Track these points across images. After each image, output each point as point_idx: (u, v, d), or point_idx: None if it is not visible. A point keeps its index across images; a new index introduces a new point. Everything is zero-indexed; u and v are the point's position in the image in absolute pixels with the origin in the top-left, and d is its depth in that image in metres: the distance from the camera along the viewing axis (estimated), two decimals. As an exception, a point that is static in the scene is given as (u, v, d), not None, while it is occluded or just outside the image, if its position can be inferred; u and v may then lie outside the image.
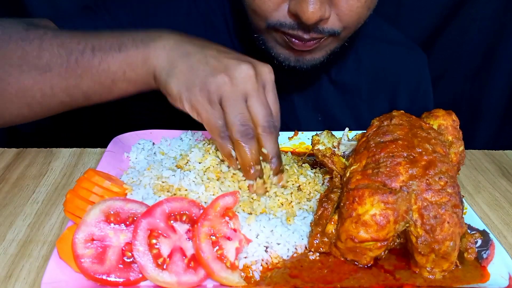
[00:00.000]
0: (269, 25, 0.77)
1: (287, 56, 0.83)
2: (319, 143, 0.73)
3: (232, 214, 0.62)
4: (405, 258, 0.62)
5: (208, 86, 0.65)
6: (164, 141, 0.85)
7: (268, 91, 0.69)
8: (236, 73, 0.65)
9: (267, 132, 0.67)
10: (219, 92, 0.65)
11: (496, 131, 1.46)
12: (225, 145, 0.68)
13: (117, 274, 0.56)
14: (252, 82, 0.66)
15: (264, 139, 0.67)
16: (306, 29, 0.75)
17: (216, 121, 0.65)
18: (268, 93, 0.68)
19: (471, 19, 1.30)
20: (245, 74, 0.65)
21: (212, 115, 0.65)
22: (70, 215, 0.62)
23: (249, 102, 0.66)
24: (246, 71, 0.65)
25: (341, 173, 0.69)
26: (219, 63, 0.66)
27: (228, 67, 0.66)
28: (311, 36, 0.76)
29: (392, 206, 0.57)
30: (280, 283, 0.58)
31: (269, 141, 0.67)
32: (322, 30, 0.75)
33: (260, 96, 0.66)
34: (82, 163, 0.89)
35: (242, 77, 0.65)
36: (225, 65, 0.66)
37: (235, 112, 0.65)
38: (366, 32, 1.00)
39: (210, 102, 0.65)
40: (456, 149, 0.67)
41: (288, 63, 0.84)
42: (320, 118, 1.04)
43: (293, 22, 0.75)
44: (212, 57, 0.67)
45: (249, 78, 0.65)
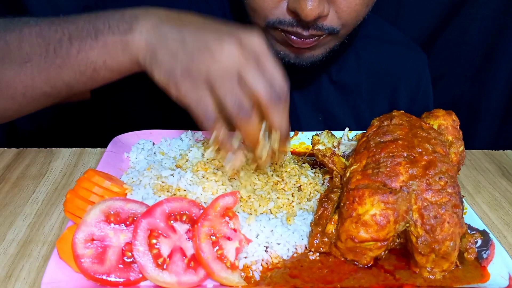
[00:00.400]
0: (268, 23, 0.78)
1: (287, 53, 0.84)
2: (319, 143, 0.73)
3: (232, 214, 0.62)
4: (405, 258, 0.62)
5: (190, 69, 0.61)
6: (164, 141, 0.85)
7: (262, 62, 0.62)
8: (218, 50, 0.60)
9: (273, 103, 0.61)
10: (203, 74, 0.60)
11: (496, 131, 1.46)
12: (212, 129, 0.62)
13: (117, 274, 0.56)
14: (238, 56, 0.60)
15: (271, 112, 0.61)
16: (305, 26, 0.75)
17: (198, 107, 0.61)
18: (263, 65, 0.61)
19: (471, 19, 1.30)
20: (228, 50, 0.60)
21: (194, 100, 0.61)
22: (70, 215, 0.62)
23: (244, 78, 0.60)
24: (229, 47, 0.60)
25: (341, 173, 0.69)
26: (198, 42, 0.61)
27: (208, 44, 0.60)
28: (310, 33, 0.76)
29: (392, 206, 0.57)
30: (280, 283, 0.58)
31: (274, 113, 0.62)
32: (321, 27, 0.76)
33: (251, 67, 0.60)
34: (82, 163, 0.89)
35: (226, 55, 0.60)
36: (205, 43, 0.61)
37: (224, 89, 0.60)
38: (366, 32, 1.00)
39: (193, 85, 0.61)
40: (456, 149, 0.67)
41: (287, 59, 0.84)
42: (321, 118, 1.04)
43: (292, 19, 0.75)
44: (190, 36, 0.62)
45: (233, 53, 0.60)
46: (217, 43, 0.60)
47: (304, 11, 0.70)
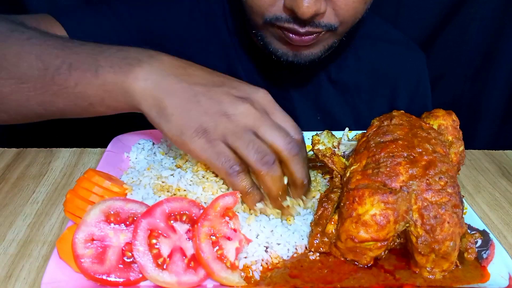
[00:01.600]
0: (265, 21, 0.78)
1: (285, 51, 0.83)
2: (319, 143, 0.73)
3: (232, 214, 0.62)
4: (405, 258, 0.62)
5: (205, 127, 0.60)
6: (164, 141, 0.85)
7: (272, 113, 0.63)
8: (233, 111, 0.60)
9: (292, 154, 0.61)
10: (219, 131, 0.60)
11: (496, 131, 1.46)
12: (237, 182, 0.62)
13: (117, 274, 0.56)
14: (253, 113, 0.61)
15: (292, 163, 0.62)
16: (301, 23, 0.75)
17: (217, 158, 0.61)
18: (274, 115, 0.63)
19: (471, 19, 1.30)
20: (243, 109, 0.61)
21: (212, 153, 0.61)
22: (70, 215, 0.62)
23: (260, 133, 0.61)
24: (244, 106, 0.61)
25: (341, 173, 0.69)
26: (212, 101, 0.61)
27: (223, 105, 0.61)
28: (307, 30, 0.76)
29: (392, 206, 0.57)
30: (280, 283, 0.58)
31: (297, 164, 0.62)
32: (318, 24, 0.76)
33: (267, 122, 0.61)
34: (82, 163, 0.89)
35: (241, 113, 0.60)
36: (219, 103, 0.61)
37: (245, 142, 0.60)
38: (365, 31, 1.00)
39: (209, 142, 0.60)
40: (456, 149, 0.67)
41: (286, 58, 0.84)
42: (320, 117, 1.04)
43: (289, 16, 0.75)
44: (202, 94, 0.61)
45: (249, 112, 0.61)
46: (231, 103, 0.61)
47: (300, 9, 0.70)
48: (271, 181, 0.62)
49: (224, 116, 0.60)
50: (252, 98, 0.62)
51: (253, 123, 0.61)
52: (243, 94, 0.63)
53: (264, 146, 0.61)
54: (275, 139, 0.61)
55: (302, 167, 0.63)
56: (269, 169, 0.61)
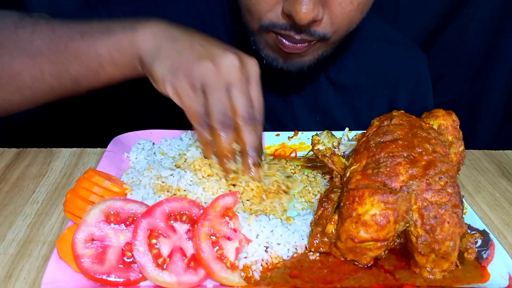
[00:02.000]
0: (262, 26, 0.77)
1: (275, 57, 0.84)
2: (319, 143, 0.73)
3: (232, 214, 0.62)
4: (405, 258, 0.62)
5: (192, 72, 0.66)
6: (164, 141, 0.85)
7: (251, 84, 0.69)
8: (221, 61, 0.66)
9: (246, 122, 0.67)
10: (202, 79, 0.66)
11: (496, 131, 1.46)
12: (203, 133, 0.69)
13: (117, 274, 0.56)
14: (237, 72, 0.66)
15: (243, 129, 0.68)
16: (298, 30, 0.75)
17: (196, 108, 0.67)
18: (251, 86, 0.69)
19: (471, 19, 1.30)
20: (230, 63, 0.66)
21: (193, 101, 0.66)
22: (70, 215, 0.62)
23: (231, 92, 0.67)
24: (232, 61, 0.66)
25: (341, 173, 0.69)
26: (206, 50, 0.67)
27: (214, 54, 0.66)
28: (302, 37, 0.76)
29: (392, 206, 0.57)
30: (280, 283, 0.58)
31: (247, 131, 0.68)
32: (313, 33, 0.75)
33: (242, 87, 0.67)
34: (82, 163, 0.89)
35: (227, 66, 0.66)
36: (211, 52, 0.67)
37: (216, 100, 0.66)
38: (365, 32, 1.00)
39: (193, 88, 0.66)
40: (456, 149, 0.67)
41: (276, 64, 0.84)
42: (319, 118, 1.04)
43: (286, 23, 0.75)
44: (199, 43, 0.68)
45: (233, 68, 0.66)
46: (221, 54, 0.66)
47: (298, 14, 0.70)
48: (221, 140, 0.68)
49: (212, 63, 0.66)
50: (242, 61, 0.68)
51: (231, 80, 0.66)
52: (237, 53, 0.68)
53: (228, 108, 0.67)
54: (239, 103, 0.67)
55: (251, 136, 0.68)
56: (223, 129, 0.67)
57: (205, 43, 0.69)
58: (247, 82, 0.68)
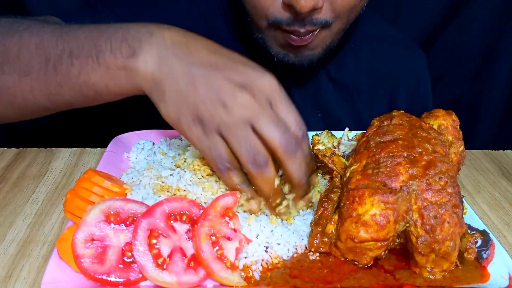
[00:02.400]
0: (269, 22, 0.78)
1: (286, 53, 0.84)
2: (319, 143, 0.73)
3: (232, 214, 0.62)
4: (405, 258, 0.62)
5: (201, 117, 0.58)
6: (164, 141, 0.85)
7: (276, 104, 0.59)
8: (231, 101, 0.57)
9: (288, 153, 0.58)
10: (214, 122, 0.58)
11: (496, 131, 1.46)
12: (226, 177, 0.62)
13: (117, 274, 0.56)
14: (251, 105, 0.57)
15: (287, 163, 0.59)
16: (301, 22, 0.75)
17: (211, 153, 0.59)
18: (277, 106, 0.59)
19: (471, 19, 1.30)
20: (242, 101, 0.57)
21: (206, 147, 0.59)
22: (70, 215, 0.62)
23: (257, 128, 0.57)
24: (243, 98, 0.57)
25: (341, 173, 0.69)
26: (210, 88, 0.58)
27: (222, 94, 0.57)
28: (306, 29, 0.77)
29: (392, 206, 0.57)
30: (280, 283, 0.58)
31: (293, 163, 0.59)
32: (316, 21, 0.76)
33: (266, 115, 0.58)
34: (82, 163, 0.89)
35: (238, 104, 0.57)
36: (218, 91, 0.57)
37: (239, 141, 0.58)
38: (365, 32, 1.00)
39: (204, 133, 0.59)
40: (456, 149, 0.67)
41: (287, 59, 0.85)
42: (320, 115, 1.04)
43: (289, 17, 0.76)
44: (201, 79, 0.58)
45: (248, 105, 0.57)
46: (230, 92, 0.57)
47: (298, 3, 0.70)
48: (261, 182, 0.60)
49: (222, 106, 0.57)
50: (255, 86, 0.58)
51: (250, 116, 0.57)
52: (245, 80, 0.59)
53: (258, 144, 0.58)
54: (272, 135, 0.58)
55: (299, 167, 0.60)
56: (260, 169, 0.59)
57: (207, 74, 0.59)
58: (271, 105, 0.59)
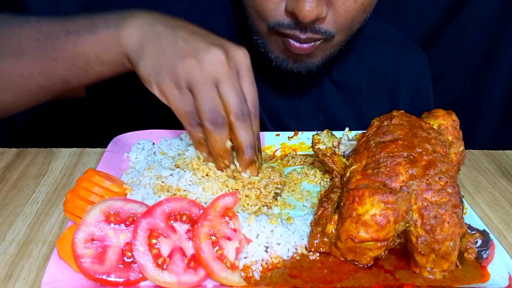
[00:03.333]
0: (269, 27, 0.78)
1: (285, 58, 0.84)
2: (320, 142, 0.73)
3: (232, 214, 0.62)
4: (405, 258, 0.62)
5: (176, 70, 0.63)
6: (164, 141, 0.85)
7: (242, 76, 0.65)
8: (205, 57, 0.62)
9: (240, 119, 0.64)
10: (187, 77, 0.63)
11: (496, 131, 1.46)
12: (194, 132, 0.66)
13: (117, 274, 0.56)
14: (223, 66, 0.63)
15: (237, 127, 0.65)
16: (303, 29, 0.75)
17: (184, 107, 0.64)
18: (242, 79, 0.65)
19: (471, 19, 1.30)
20: (215, 58, 0.62)
21: (180, 101, 0.64)
22: (70, 215, 0.62)
23: (220, 88, 0.63)
24: (217, 55, 0.63)
25: (341, 173, 0.69)
26: (189, 45, 0.64)
27: (198, 50, 0.63)
28: (307, 36, 0.76)
29: (392, 206, 0.57)
30: (280, 283, 0.58)
31: (242, 128, 0.65)
32: (318, 30, 0.76)
33: (232, 82, 0.63)
34: (82, 163, 0.89)
35: (212, 61, 0.62)
36: (195, 48, 0.63)
37: (204, 98, 0.63)
38: (367, 33, 1.00)
39: (178, 87, 0.63)
40: (456, 149, 0.67)
41: (285, 65, 0.84)
42: (322, 119, 1.04)
43: (291, 21, 0.75)
44: (182, 39, 0.64)
45: (219, 63, 0.63)
46: (205, 49, 0.63)
47: (302, 12, 0.70)
48: (214, 140, 0.65)
49: (195, 59, 0.62)
50: (229, 52, 0.64)
51: (218, 76, 0.63)
52: (223, 44, 0.64)
53: (218, 105, 0.63)
54: (230, 100, 0.63)
55: (247, 134, 0.65)
56: (215, 129, 0.64)
57: (188, 37, 0.65)
58: (238, 75, 0.65)
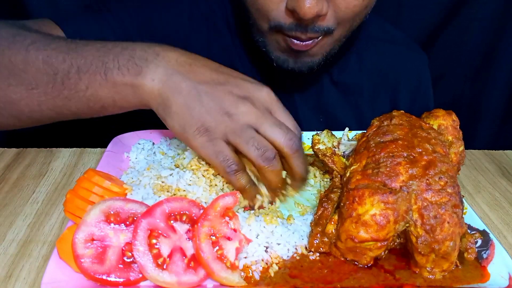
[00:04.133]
0: (270, 26, 0.78)
1: (286, 58, 0.84)
2: (320, 142, 0.73)
3: (232, 214, 0.62)
4: (405, 258, 0.62)
5: (206, 127, 0.62)
6: (164, 141, 0.85)
7: (275, 111, 0.66)
8: (234, 110, 0.62)
9: (294, 150, 0.64)
10: (220, 130, 0.62)
11: (496, 131, 1.46)
12: (235, 180, 0.65)
13: (117, 274, 0.56)
14: (254, 112, 0.63)
15: (293, 159, 0.65)
16: (304, 29, 0.75)
17: (216, 157, 0.63)
18: (275, 113, 0.65)
19: (471, 19, 1.30)
20: (243, 108, 0.63)
21: (212, 152, 0.63)
22: (70, 215, 0.62)
23: (261, 131, 0.63)
24: (244, 106, 0.63)
25: (341, 173, 0.69)
26: (214, 101, 0.63)
27: (225, 105, 0.62)
28: (308, 35, 0.76)
29: (392, 206, 0.57)
30: (280, 283, 0.58)
31: (296, 159, 0.65)
32: (319, 29, 0.76)
33: (268, 120, 0.63)
34: (82, 163, 0.89)
35: (242, 112, 0.62)
36: (221, 103, 0.63)
37: (246, 139, 0.62)
38: (367, 32, 1.00)
39: (209, 140, 0.63)
40: (456, 149, 0.67)
41: (287, 65, 0.84)
42: (322, 119, 1.04)
43: (292, 22, 0.75)
44: (205, 93, 0.63)
45: (250, 111, 0.63)
46: (233, 103, 0.63)
47: (302, 9, 0.70)
48: (271, 175, 0.65)
49: (226, 115, 0.62)
50: (254, 97, 0.64)
51: (254, 121, 0.63)
52: (246, 93, 0.64)
53: (264, 141, 0.63)
54: (276, 136, 0.63)
55: (302, 163, 0.66)
56: (270, 164, 0.64)
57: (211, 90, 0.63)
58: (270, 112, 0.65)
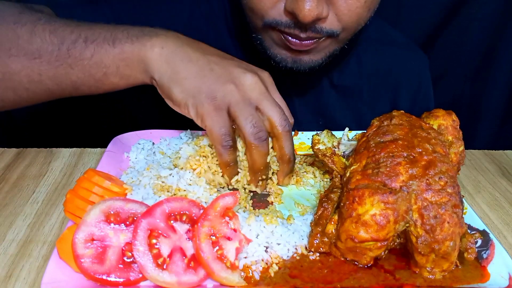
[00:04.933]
0: (265, 23, 0.77)
1: (284, 57, 0.82)
2: (319, 142, 0.73)
3: (232, 214, 0.62)
4: (405, 258, 0.62)
5: (215, 94, 0.65)
6: (164, 141, 0.85)
7: (273, 92, 0.70)
8: (242, 81, 0.66)
9: (285, 130, 0.68)
10: (226, 99, 0.65)
11: (496, 131, 1.46)
12: (225, 154, 0.67)
13: (117, 274, 0.56)
14: (259, 87, 0.67)
15: (283, 138, 0.68)
16: (303, 28, 0.74)
17: (219, 128, 0.65)
18: (273, 94, 0.70)
19: (471, 19, 1.30)
20: (251, 81, 0.67)
21: (216, 122, 0.65)
22: (70, 215, 0.62)
23: (261, 107, 0.67)
24: (252, 79, 0.67)
25: (341, 173, 0.69)
26: (224, 70, 0.67)
27: (234, 75, 0.67)
28: (308, 35, 0.75)
29: (392, 206, 0.57)
30: (280, 283, 0.58)
31: (287, 140, 0.69)
32: (320, 30, 0.75)
33: (269, 98, 0.67)
34: (82, 163, 0.89)
35: (249, 84, 0.66)
36: (230, 72, 0.67)
37: (245, 115, 0.65)
38: (367, 34, 1.00)
39: (216, 109, 0.65)
40: (456, 149, 0.67)
41: (285, 64, 0.83)
42: (321, 122, 1.04)
43: (290, 20, 0.74)
44: (215, 63, 0.67)
45: (255, 85, 0.67)
46: (241, 74, 0.67)
47: (301, 12, 0.69)
48: (258, 155, 0.68)
49: (234, 84, 0.66)
50: (258, 74, 0.68)
51: (257, 97, 0.67)
52: (251, 68, 0.69)
53: (261, 122, 0.67)
54: (273, 114, 0.67)
55: (291, 144, 0.70)
56: (260, 144, 0.67)
57: (220, 61, 0.68)
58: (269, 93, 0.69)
